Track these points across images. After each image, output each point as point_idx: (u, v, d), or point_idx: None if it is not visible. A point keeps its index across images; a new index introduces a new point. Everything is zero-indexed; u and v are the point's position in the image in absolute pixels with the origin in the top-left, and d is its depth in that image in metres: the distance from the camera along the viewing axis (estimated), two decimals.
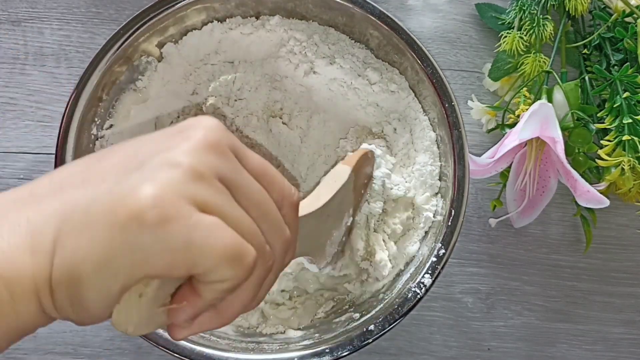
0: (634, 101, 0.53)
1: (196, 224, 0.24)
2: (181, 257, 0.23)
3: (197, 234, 0.23)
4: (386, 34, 0.49)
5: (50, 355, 0.53)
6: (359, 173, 0.45)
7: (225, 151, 0.26)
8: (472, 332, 0.56)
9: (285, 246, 0.29)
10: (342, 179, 0.42)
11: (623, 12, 0.57)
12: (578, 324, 0.57)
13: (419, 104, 0.51)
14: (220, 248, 0.24)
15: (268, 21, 0.51)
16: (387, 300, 0.45)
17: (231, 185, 0.26)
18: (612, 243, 0.59)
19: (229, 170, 0.26)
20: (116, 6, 0.60)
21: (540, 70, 0.55)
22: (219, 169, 0.25)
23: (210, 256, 0.24)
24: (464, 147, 0.47)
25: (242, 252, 0.25)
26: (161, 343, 0.42)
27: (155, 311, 0.25)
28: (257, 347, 0.44)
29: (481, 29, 0.63)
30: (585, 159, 0.54)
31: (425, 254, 0.47)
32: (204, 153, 0.25)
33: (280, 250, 0.29)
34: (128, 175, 0.24)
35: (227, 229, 0.25)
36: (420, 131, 0.51)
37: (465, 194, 0.46)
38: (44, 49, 0.59)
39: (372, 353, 0.55)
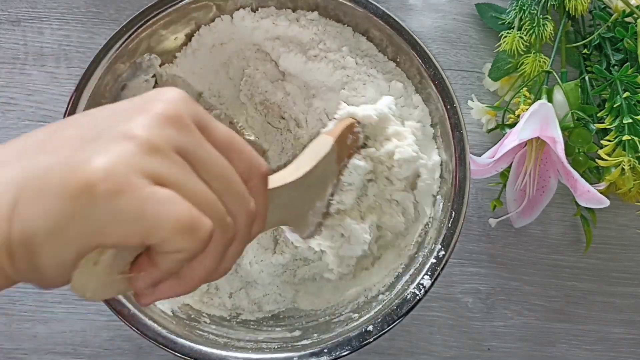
0: (634, 101, 0.53)
1: (149, 196, 0.24)
2: (133, 229, 0.24)
3: (149, 206, 0.24)
4: (388, 34, 0.49)
5: (50, 355, 0.53)
6: (342, 144, 0.44)
7: (186, 124, 0.26)
8: (472, 332, 0.56)
9: (250, 218, 0.29)
10: (324, 150, 0.42)
11: (623, 12, 0.57)
12: (578, 324, 0.57)
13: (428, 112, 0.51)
14: (173, 219, 0.24)
15: (305, 16, 0.51)
16: (386, 301, 0.45)
17: (191, 158, 0.26)
18: (612, 243, 0.59)
19: (189, 143, 0.26)
20: (116, 6, 0.60)
21: (540, 70, 0.55)
22: (178, 142, 0.26)
23: (163, 228, 0.24)
24: (465, 149, 0.47)
25: (196, 224, 0.25)
26: (160, 341, 0.42)
27: (114, 278, 0.26)
28: (256, 346, 0.44)
29: (481, 29, 0.63)
30: (585, 159, 0.54)
31: (425, 254, 0.47)
32: (161, 126, 0.25)
33: (244, 222, 0.29)
34: (84, 146, 0.25)
35: (181, 201, 0.25)
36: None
37: (466, 196, 0.46)
38: (44, 49, 0.59)
39: (371, 353, 0.55)
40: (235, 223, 0.28)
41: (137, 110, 0.26)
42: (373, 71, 0.51)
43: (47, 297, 0.54)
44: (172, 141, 0.25)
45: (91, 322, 0.54)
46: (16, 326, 0.53)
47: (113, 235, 0.24)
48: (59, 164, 0.24)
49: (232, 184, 0.28)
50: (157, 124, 0.25)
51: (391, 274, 0.48)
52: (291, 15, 0.51)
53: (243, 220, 0.28)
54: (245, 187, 0.28)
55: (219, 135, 0.28)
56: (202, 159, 0.26)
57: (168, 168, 0.25)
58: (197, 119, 0.27)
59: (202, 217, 0.25)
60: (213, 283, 0.50)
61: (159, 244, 0.25)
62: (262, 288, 0.50)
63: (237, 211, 0.28)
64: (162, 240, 0.24)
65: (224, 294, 0.49)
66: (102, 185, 0.23)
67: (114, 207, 0.23)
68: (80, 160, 0.24)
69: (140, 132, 0.25)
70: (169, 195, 0.24)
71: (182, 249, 0.25)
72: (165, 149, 0.25)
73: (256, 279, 0.49)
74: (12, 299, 0.54)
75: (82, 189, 0.23)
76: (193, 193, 0.25)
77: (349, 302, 0.49)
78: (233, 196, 0.28)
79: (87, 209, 0.23)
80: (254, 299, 0.50)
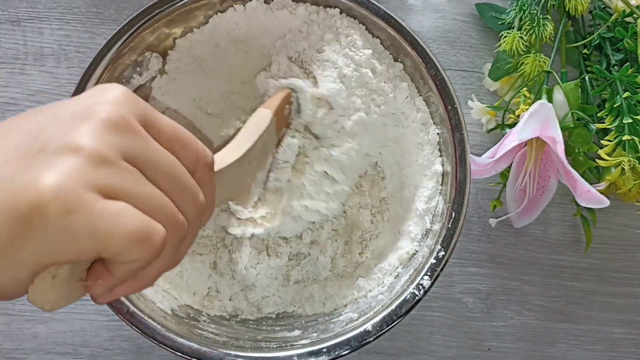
0: (634, 101, 0.53)
1: (100, 212, 0.24)
2: (87, 245, 0.24)
3: (102, 222, 0.24)
4: (389, 34, 0.49)
5: (50, 355, 0.53)
6: (280, 115, 0.45)
7: (131, 127, 0.26)
8: (472, 332, 0.56)
9: (200, 210, 0.29)
10: (264, 123, 0.42)
11: (623, 12, 0.57)
12: (578, 324, 0.57)
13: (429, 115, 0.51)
14: (127, 233, 0.24)
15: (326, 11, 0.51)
16: (385, 301, 0.45)
17: (139, 162, 0.26)
18: (612, 243, 0.59)
19: (136, 147, 0.26)
20: (116, 6, 0.60)
21: (540, 70, 0.55)
22: (125, 147, 0.25)
23: (117, 242, 0.24)
24: (466, 149, 0.47)
25: (150, 234, 0.25)
26: (159, 340, 0.42)
27: (71, 288, 0.26)
28: (255, 345, 0.44)
29: (481, 29, 0.63)
30: (585, 159, 0.54)
31: (424, 255, 0.47)
32: (107, 133, 0.25)
33: (195, 216, 0.29)
34: (29, 160, 0.24)
35: (134, 212, 0.25)
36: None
37: (466, 196, 0.46)
38: (44, 49, 0.59)
39: (371, 353, 0.55)
40: (187, 218, 0.28)
41: (80, 117, 0.25)
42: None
43: None
44: (119, 148, 0.25)
45: (91, 322, 0.54)
46: (16, 326, 0.54)
47: (67, 253, 0.24)
48: (6, 183, 0.24)
49: (180, 180, 0.28)
50: (103, 132, 0.25)
51: (391, 275, 0.48)
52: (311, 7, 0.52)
53: (194, 213, 0.29)
54: (193, 180, 0.29)
55: (164, 130, 0.28)
56: (149, 161, 0.26)
57: (117, 178, 0.25)
58: (141, 117, 0.27)
59: (154, 225, 0.25)
60: (214, 286, 0.50)
61: (113, 256, 0.25)
62: (261, 291, 0.50)
63: (188, 206, 0.28)
64: (116, 253, 0.24)
65: (224, 297, 0.49)
66: (52, 205, 0.23)
67: (65, 226, 0.23)
68: (27, 179, 0.23)
69: (86, 142, 0.24)
70: (120, 207, 0.24)
71: (137, 259, 0.25)
72: (112, 158, 0.25)
73: (254, 282, 0.49)
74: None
75: (33, 209, 0.23)
76: (143, 200, 0.25)
77: (349, 302, 0.49)
78: (182, 192, 0.28)
79: (38, 229, 0.23)
80: (253, 301, 0.50)
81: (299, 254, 0.51)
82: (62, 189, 0.23)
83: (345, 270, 0.51)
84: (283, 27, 0.51)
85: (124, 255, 0.25)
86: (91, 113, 0.25)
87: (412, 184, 0.51)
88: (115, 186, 0.24)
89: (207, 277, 0.50)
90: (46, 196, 0.23)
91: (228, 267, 0.50)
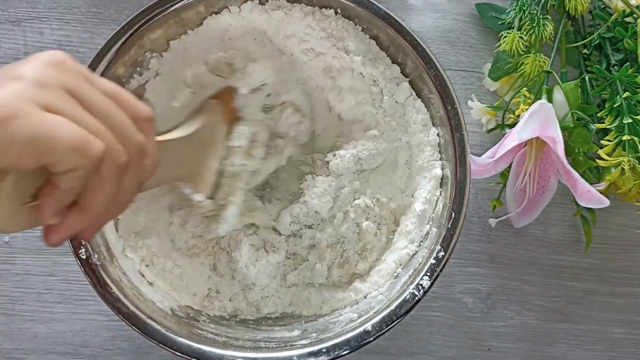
0: (634, 101, 0.53)
1: (40, 120, 0.26)
2: (28, 149, 0.26)
3: (42, 128, 0.26)
4: (390, 34, 0.49)
5: (50, 355, 0.53)
6: (227, 107, 0.47)
7: (72, 69, 0.29)
8: (472, 332, 0.56)
9: (139, 149, 0.31)
10: (210, 109, 0.45)
11: (623, 12, 0.57)
12: (578, 324, 0.57)
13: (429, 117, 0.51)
14: (65, 138, 0.26)
15: (321, 12, 0.51)
16: (385, 302, 0.45)
17: (78, 96, 0.29)
18: (612, 243, 0.59)
19: (75, 85, 0.29)
20: (116, 6, 0.60)
21: (540, 70, 0.55)
22: (65, 82, 0.28)
23: (56, 146, 0.26)
24: (466, 150, 0.47)
25: (88, 143, 0.27)
26: (159, 339, 0.42)
27: (20, 209, 0.28)
28: (254, 345, 0.44)
29: (481, 29, 0.63)
30: (585, 159, 0.54)
31: (424, 255, 0.47)
32: (48, 69, 0.28)
33: (135, 152, 0.31)
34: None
35: (72, 124, 0.27)
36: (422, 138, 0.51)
37: (466, 197, 0.46)
38: (44, 49, 0.59)
39: (371, 353, 0.55)
40: (126, 151, 0.30)
41: (25, 61, 0.29)
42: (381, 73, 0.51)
43: (47, 297, 0.54)
44: (59, 81, 0.28)
45: (91, 322, 0.54)
46: (16, 326, 0.54)
47: (8, 157, 0.25)
48: None
49: (119, 120, 0.30)
50: (44, 67, 0.28)
51: (390, 276, 0.48)
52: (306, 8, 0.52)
53: (133, 150, 0.31)
54: (132, 124, 0.31)
55: (104, 85, 0.31)
56: (89, 98, 0.29)
57: (57, 99, 0.27)
58: (81, 72, 0.30)
59: (93, 137, 0.28)
60: (214, 287, 0.50)
61: (53, 164, 0.27)
62: (260, 291, 0.50)
63: (126, 142, 0.30)
64: (56, 159, 0.26)
65: (224, 298, 0.49)
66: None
67: (6, 131, 0.25)
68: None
69: (28, 72, 0.27)
70: (59, 119, 0.27)
71: (77, 165, 0.27)
72: (53, 86, 0.28)
73: (254, 280, 0.49)
74: (12, 299, 0.54)
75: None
76: (82, 121, 0.28)
77: (347, 304, 0.49)
78: (120, 129, 0.30)
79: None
80: (252, 301, 0.50)
81: (296, 254, 0.51)
82: (3, 100, 0.26)
83: (341, 281, 0.51)
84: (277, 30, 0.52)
85: (63, 162, 0.27)
86: (35, 57, 0.29)
87: (412, 185, 0.51)
88: (55, 104, 0.27)
89: (207, 279, 0.50)
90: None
91: (228, 267, 0.50)
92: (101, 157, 0.28)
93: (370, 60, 0.51)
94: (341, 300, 0.49)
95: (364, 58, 0.51)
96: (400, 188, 0.52)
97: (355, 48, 0.51)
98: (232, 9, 0.51)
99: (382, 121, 0.52)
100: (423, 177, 0.50)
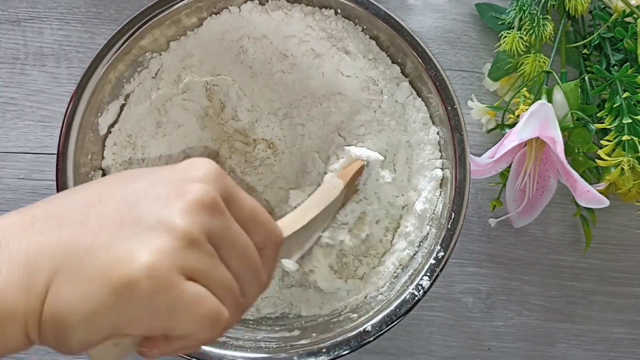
0: (634, 101, 0.53)
1: (182, 294, 0.25)
2: (162, 323, 0.25)
3: (181, 304, 0.25)
4: (390, 35, 0.49)
5: (50, 355, 0.53)
6: (350, 185, 0.45)
7: (219, 208, 0.27)
8: (472, 332, 0.56)
9: (260, 291, 0.31)
10: (334, 194, 0.43)
11: (623, 12, 0.57)
12: (578, 324, 0.57)
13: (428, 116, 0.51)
14: (200, 318, 0.26)
15: (321, 12, 0.51)
16: (385, 302, 0.45)
17: (219, 242, 0.27)
18: (612, 243, 0.59)
19: (219, 228, 0.27)
20: (116, 6, 0.60)
21: (540, 70, 0.55)
22: (211, 228, 0.27)
23: (189, 324, 0.25)
24: (466, 150, 0.47)
25: (220, 318, 0.26)
26: None
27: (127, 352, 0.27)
28: (254, 345, 0.44)
29: (481, 29, 0.63)
30: (585, 159, 0.54)
31: (424, 255, 0.47)
32: (198, 214, 0.26)
33: (254, 295, 0.30)
34: (124, 231, 0.26)
35: (209, 297, 0.26)
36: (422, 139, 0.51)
37: (465, 197, 0.46)
38: (44, 49, 0.59)
39: (371, 353, 0.55)
40: (247, 296, 0.30)
41: (175, 193, 0.27)
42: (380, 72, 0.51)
43: None
44: (207, 229, 0.27)
45: None
46: None
47: (142, 327, 0.25)
48: (100, 251, 0.25)
49: (250, 262, 0.29)
50: (195, 212, 0.26)
51: (390, 277, 0.48)
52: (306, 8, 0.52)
53: (254, 294, 0.30)
54: (260, 262, 0.30)
55: (245, 207, 0.29)
56: (228, 242, 0.28)
57: (201, 262, 0.26)
58: (227, 194, 0.28)
59: (223, 309, 0.27)
60: None
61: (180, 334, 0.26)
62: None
63: (251, 287, 0.30)
64: (184, 333, 0.26)
65: None
66: (145, 282, 0.24)
67: (150, 303, 0.24)
68: (122, 252, 0.25)
69: (179, 223, 0.26)
70: (199, 292, 0.26)
71: (201, 339, 0.27)
72: (201, 241, 0.26)
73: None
74: None
75: (125, 284, 0.24)
76: (217, 283, 0.27)
77: (347, 304, 0.49)
78: (250, 273, 0.29)
79: (125, 302, 0.24)
80: None
81: None
82: (155, 268, 0.24)
83: (339, 282, 0.51)
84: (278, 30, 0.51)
85: (190, 336, 0.26)
86: (185, 190, 0.27)
87: (412, 185, 0.51)
88: (199, 269, 0.26)
89: None
90: (139, 273, 0.24)
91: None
92: (226, 328, 0.27)
93: (370, 60, 0.51)
94: (341, 300, 0.49)
95: (364, 58, 0.51)
96: (400, 188, 0.52)
97: (355, 48, 0.51)
98: (232, 9, 0.51)
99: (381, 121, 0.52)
100: (423, 177, 0.50)
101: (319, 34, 0.51)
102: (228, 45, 0.52)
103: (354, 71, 0.51)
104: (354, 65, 0.51)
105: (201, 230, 0.26)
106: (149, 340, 0.27)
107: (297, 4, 0.50)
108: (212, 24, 0.51)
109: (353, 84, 0.52)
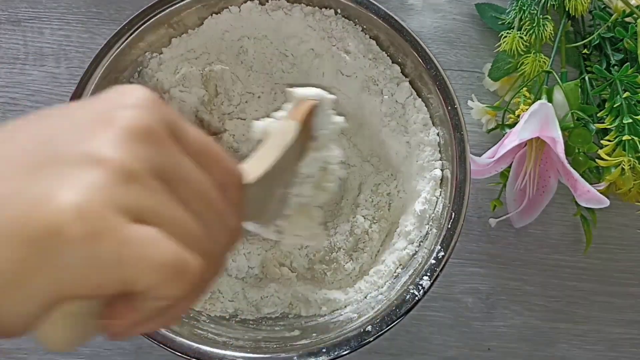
0: (634, 101, 0.53)
1: (128, 238, 0.20)
2: (111, 277, 0.20)
3: (130, 250, 0.20)
4: (390, 35, 0.49)
5: (50, 355, 0.53)
6: (305, 126, 0.41)
7: (160, 137, 0.22)
8: (472, 332, 0.56)
9: (230, 237, 0.26)
10: (289, 136, 0.38)
11: (623, 12, 0.57)
12: (579, 324, 0.57)
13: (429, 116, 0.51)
14: (157, 264, 0.20)
15: (321, 12, 0.51)
16: (385, 302, 0.45)
17: (169, 178, 0.22)
18: (612, 243, 0.59)
19: (166, 161, 0.22)
20: (116, 6, 0.60)
21: (540, 70, 0.55)
22: (153, 161, 0.22)
23: (146, 274, 0.20)
24: (466, 150, 0.47)
25: (184, 266, 0.21)
26: (159, 340, 0.42)
27: (87, 327, 0.22)
28: (255, 345, 0.44)
29: (481, 29, 0.63)
30: (585, 159, 0.54)
31: (424, 255, 0.47)
32: (134, 143, 0.21)
33: (226, 242, 0.25)
34: (40, 171, 0.20)
35: (165, 241, 0.21)
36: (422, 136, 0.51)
37: (465, 197, 0.46)
38: (44, 49, 0.59)
39: (372, 353, 0.55)
40: (217, 245, 0.25)
41: (100, 122, 0.22)
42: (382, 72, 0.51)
43: None
44: (148, 161, 0.21)
45: None
46: None
47: (86, 285, 0.20)
48: (9, 198, 0.20)
49: (212, 203, 0.24)
50: (128, 141, 0.21)
51: (390, 276, 0.48)
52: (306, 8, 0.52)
53: (226, 240, 0.25)
54: (224, 203, 0.25)
55: (194, 141, 0.24)
56: (181, 178, 0.23)
57: (147, 199, 0.21)
58: (169, 125, 0.23)
59: (188, 257, 0.22)
60: (216, 288, 0.50)
61: (141, 292, 0.21)
62: (259, 291, 0.50)
63: (220, 232, 0.25)
64: (144, 288, 0.21)
65: (225, 299, 0.49)
66: (73, 228, 0.19)
67: (87, 253, 0.19)
68: (39, 195, 0.19)
69: (110, 153, 0.20)
70: (150, 234, 0.21)
71: (169, 295, 0.21)
72: (141, 174, 0.21)
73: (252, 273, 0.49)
74: None
75: (49, 232, 0.19)
76: (177, 225, 0.22)
77: (347, 304, 0.49)
78: (214, 216, 0.24)
79: (53, 256, 0.19)
80: (252, 301, 0.50)
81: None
82: (85, 208, 0.19)
83: (325, 279, 0.51)
84: (278, 30, 0.52)
85: (152, 292, 0.21)
86: (112, 118, 0.22)
87: (412, 185, 0.51)
88: (144, 208, 0.21)
89: None
90: (65, 216, 0.19)
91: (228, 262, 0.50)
92: (197, 282, 0.22)
93: (370, 60, 0.51)
94: (341, 300, 0.49)
95: (364, 58, 0.51)
96: (400, 187, 0.52)
97: (355, 48, 0.51)
98: (232, 9, 0.51)
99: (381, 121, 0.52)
100: (423, 177, 0.50)
101: (319, 34, 0.51)
102: (228, 45, 0.52)
103: (354, 71, 0.51)
104: (354, 65, 0.51)
105: (140, 162, 0.21)
106: (109, 307, 0.22)
107: (297, 4, 0.51)
108: (212, 24, 0.51)
109: (353, 84, 0.52)
